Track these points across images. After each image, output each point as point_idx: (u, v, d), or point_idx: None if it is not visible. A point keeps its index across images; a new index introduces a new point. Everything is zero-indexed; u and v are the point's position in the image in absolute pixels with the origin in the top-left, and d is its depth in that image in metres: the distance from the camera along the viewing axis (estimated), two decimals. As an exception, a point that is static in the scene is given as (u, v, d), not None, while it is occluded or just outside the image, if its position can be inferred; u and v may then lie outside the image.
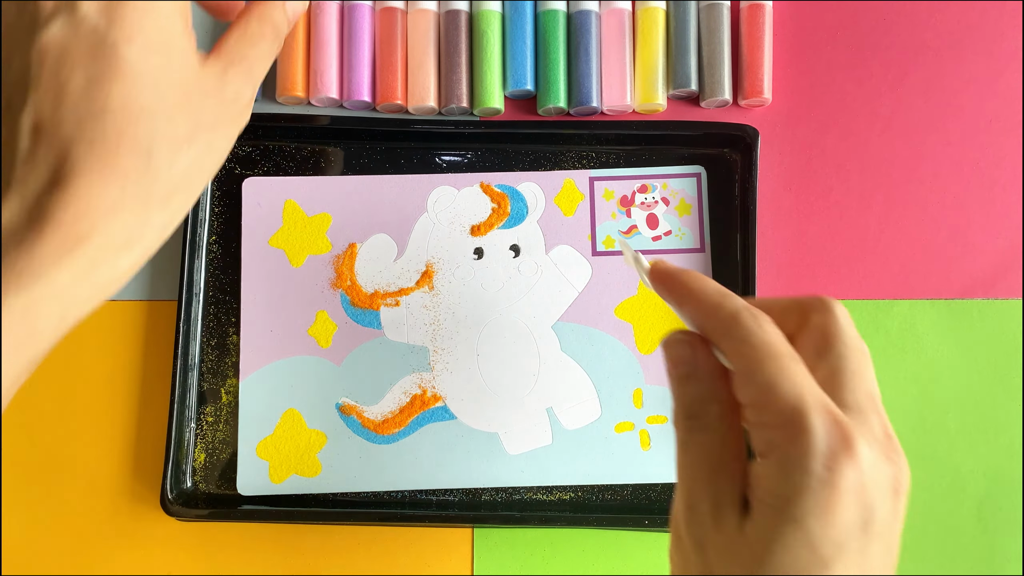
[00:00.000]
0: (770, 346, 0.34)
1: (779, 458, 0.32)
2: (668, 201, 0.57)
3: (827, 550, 0.31)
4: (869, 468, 0.32)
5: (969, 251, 0.58)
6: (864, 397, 0.34)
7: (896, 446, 0.33)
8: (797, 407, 0.32)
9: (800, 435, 0.32)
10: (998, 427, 0.56)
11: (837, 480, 0.31)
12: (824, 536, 0.31)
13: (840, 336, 0.35)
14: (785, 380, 0.33)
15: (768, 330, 0.34)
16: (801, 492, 0.31)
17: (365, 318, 0.56)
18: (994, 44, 0.60)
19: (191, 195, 0.38)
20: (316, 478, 0.54)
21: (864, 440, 0.32)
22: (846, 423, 0.32)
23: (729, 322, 0.35)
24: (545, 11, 0.58)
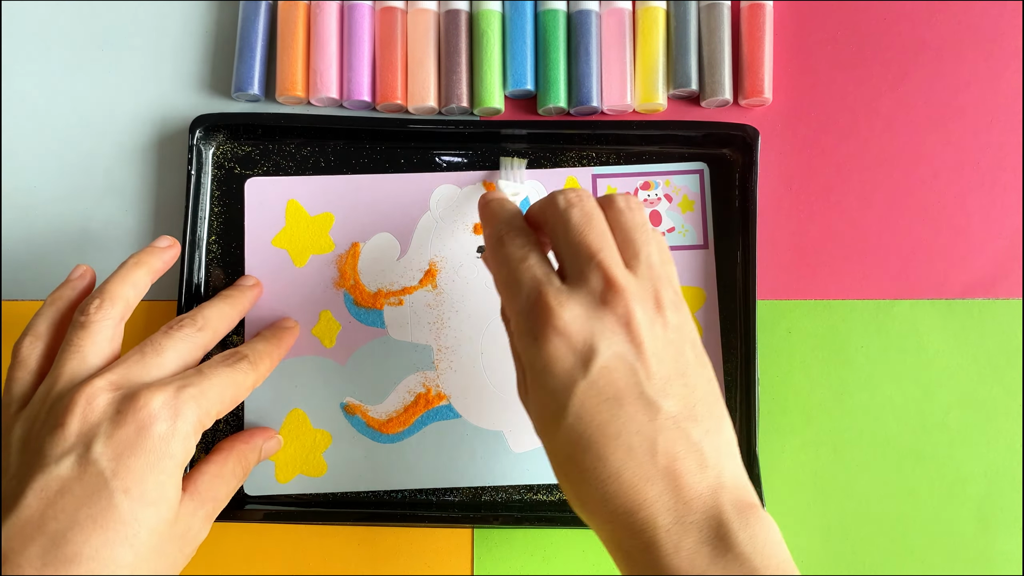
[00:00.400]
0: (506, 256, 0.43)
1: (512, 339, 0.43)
2: (671, 198, 0.57)
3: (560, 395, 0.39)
4: (575, 323, 0.40)
5: (969, 251, 0.58)
6: (583, 260, 0.41)
7: (617, 291, 0.40)
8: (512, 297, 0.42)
9: (515, 321, 0.42)
10: (998, 427, 0.56)
11: (544, 344, 0.40)
12: (554, 385, 0.39)
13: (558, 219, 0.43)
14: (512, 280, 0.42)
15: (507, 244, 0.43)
16: (529, 361, 0.41)
17: (369, 317, 0.56)
18: (994, 44, 0.60)
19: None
20: (322, 478, 0.54)
21: (567, 305, 0.40)
22: (547, 298, 0.40)
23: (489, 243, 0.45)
24: (545, 11, 0.58)
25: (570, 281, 0.41)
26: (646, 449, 0.38)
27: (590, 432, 0.39)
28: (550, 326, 0.39)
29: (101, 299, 0.46)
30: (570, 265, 0.42)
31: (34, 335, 0.47)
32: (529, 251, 0.43)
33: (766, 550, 0.38)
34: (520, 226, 0.44)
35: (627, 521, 0.38)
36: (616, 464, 0.38)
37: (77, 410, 0.41)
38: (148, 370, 0.44)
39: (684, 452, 0.39)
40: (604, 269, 0.40)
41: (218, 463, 0.47)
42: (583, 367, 0.39)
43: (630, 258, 0.42)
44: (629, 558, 0.39)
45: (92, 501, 0.40)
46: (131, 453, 0.41)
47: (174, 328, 0.47)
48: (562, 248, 0.43)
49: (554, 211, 0.43)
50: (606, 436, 0.38)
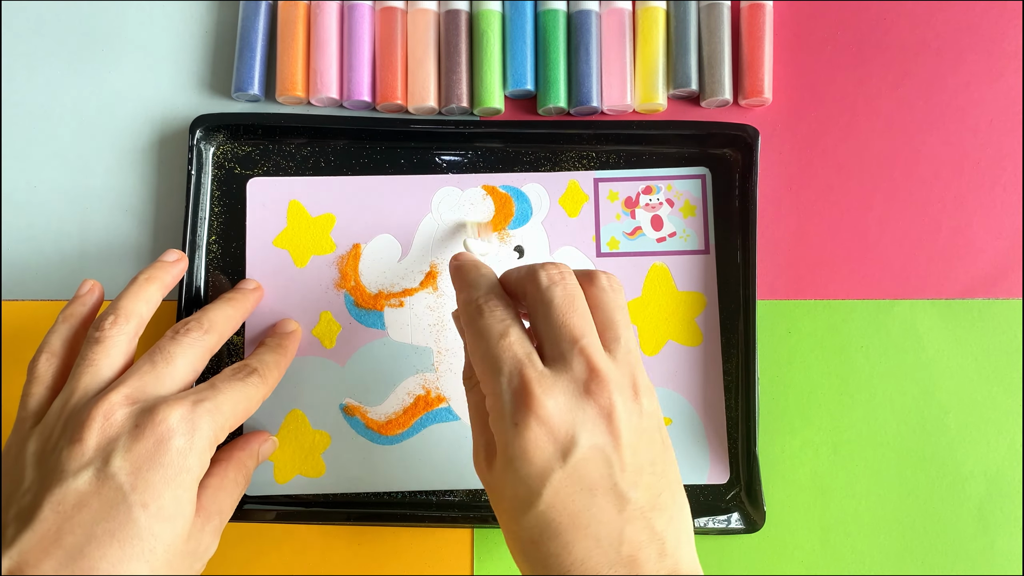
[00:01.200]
0: (484, 329, 0.42)
1: (490, 413, 0.41)
2: (673, 203, 0.57)
3: (533, 483, 0.39)
4: (558, 413, 0.39)
5: (969, 251, 0.58)
6: (566, 344, 0.41)
7: (601, 381, 0.40)
8: (492, 375, 0.41)
9: (494, 399, 0.41)
10: (998, 427, 0.56)
11: (523, 431, 0.39)
12: (528, 472, 0.39)
13: (540, 298, 0.43)
14: (488, 356, 0.41)
15: (487, 314, 0.43)
16: (504, 443, 0.40)
17: (369, 319, 0.56)
18: (994, 44, 0.60)
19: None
20: (320, 478, 0.55)
21: (550, 393, 0.40)
22: (531, 383, 0.40)
23: (463, 310, 0.44)
24: (545, 11, 0.58)
25: (551, 364, 0.41)
26: (612, 540, 0.39)
27: (560, 520, 0.39)
28: (532, 414, 0.39)
29: (115, 315, 0.46)
30: (551, 347, 0.42)
31: (49, 352, 0.47)
32: (509, 325, 0.42)
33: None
34: (499, 295, 0.44)
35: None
36: (581, 553, 0.39)
37: (95, 425, 0.42)
38: (162, 381, 0.45)
39: (647, 542, 0.39)
40: (588, 356, 0.41)
41: (219, 475, 0.47)
42: (562, 457, 0.39)
43: (610, 341, 0.43)
44: None
45: (110, 515, 0.40)
46: (150, 467, 0.41)
47: (180, 333, 0.47)
48: (542, 327, 0.43)
49: (535, 288, 0.43)
50: (576, 526, 0.39)
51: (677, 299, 0.56)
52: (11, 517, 0.40)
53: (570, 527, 0.39)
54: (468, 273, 0.46)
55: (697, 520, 0.54)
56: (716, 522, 0.54)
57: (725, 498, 0.55)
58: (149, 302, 0.48)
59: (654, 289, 0.56)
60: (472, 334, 0.43)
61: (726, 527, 0.54)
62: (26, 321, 0.57)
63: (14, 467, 0.43)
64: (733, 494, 0.55)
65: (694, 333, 0.56)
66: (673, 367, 0.55)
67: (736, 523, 0.54)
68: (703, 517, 0.54)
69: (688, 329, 0.56)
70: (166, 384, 0.45)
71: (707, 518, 0.54)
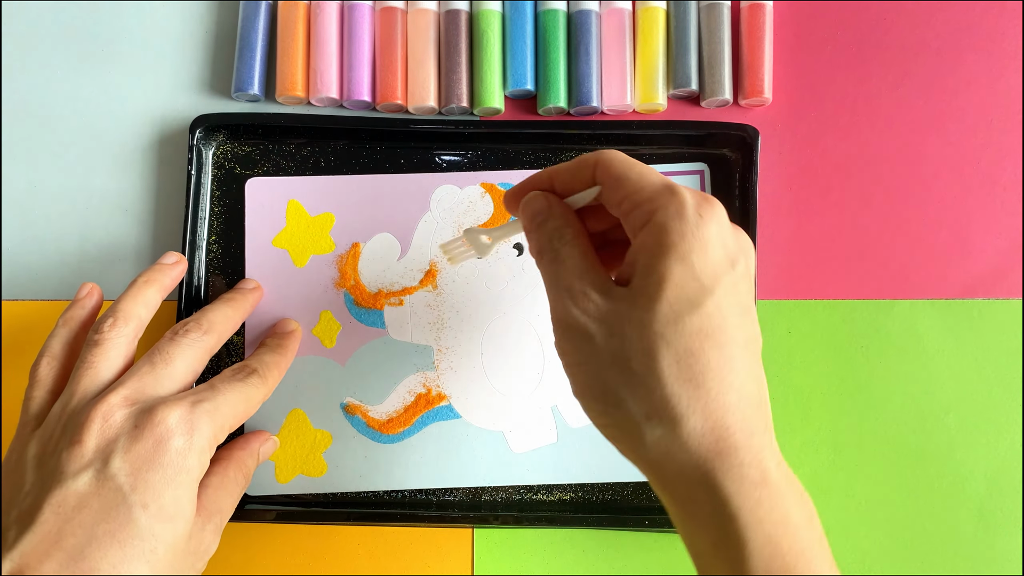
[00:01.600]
0: (631, 160, 0.42)
1: (661, 218, 0.38)
2: (671, 200, 0.57)
3: (708, 279, 0.38)
4: (726, 223, 0.39)
5: (969, 251, 0.58)
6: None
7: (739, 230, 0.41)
8: (667, 181, 0.40)
9: (676, 195, 0.39)
10: (998, 427, 0.56)
11: (707, 223, 0.38)
12: (704, 267, 0.38)
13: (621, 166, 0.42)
14: (651, 174, 0.40)
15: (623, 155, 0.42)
16: (683, 235, 0.38)
17: (369, 318, 0.56)
18: (994, 44, 0.60)
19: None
20: (322, 478, 0.55)
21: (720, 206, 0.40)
22: (705, 194, 0.40)
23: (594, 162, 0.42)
24: (545, 11, 0.59)
25: None
26: (757, 375, 0.39)
27: (726, 328, 0.38)
28: (715, 213, 0.39)
29: (115, 318, 0.47)
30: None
31: (50, 356, 0.47)
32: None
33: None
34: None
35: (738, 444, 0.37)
36: (741, 375, 0.38)
37: (94, 426, 0.42)
38: (160, 382, 0.45)
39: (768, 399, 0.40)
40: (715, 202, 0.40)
41: (219, 474, 0.47)
42: (731, 265, 0.39)
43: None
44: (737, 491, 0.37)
45: (110, 516, 0.40)
46: (149, 468, 0.41)
47: (179, 334, 0.47)
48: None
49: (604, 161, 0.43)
50: (737, 342, 0.38)
51: None
52: (12, 520, 0.41)
53: (733, 340, 0.38)
54: (542, 172, 0.45)
55: (697, 520, 0.54)
56: (716, 522, 0.54)
57: (725, 498, 0.55)
58: (148, 304, 0.48)
59: None
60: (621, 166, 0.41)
61: (726, 527, 0.54)
62: (26, 321, 0.57)
63: (15, 470, 0.43)
64: (733, 494, 0.55)
65: None
66: None
67: (736, 523, 0.54)
68: (703, 517, 0.54)
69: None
70: (165, 385, 0.45)
71: (707, 518, 0.54)
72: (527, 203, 0.44)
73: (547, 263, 0.42)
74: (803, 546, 0.37)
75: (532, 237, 0.44)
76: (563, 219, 0.43)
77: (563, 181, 0.44)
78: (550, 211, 0.43)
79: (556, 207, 0.43)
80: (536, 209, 0.44)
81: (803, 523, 0.37)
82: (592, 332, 0.39)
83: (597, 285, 0.40)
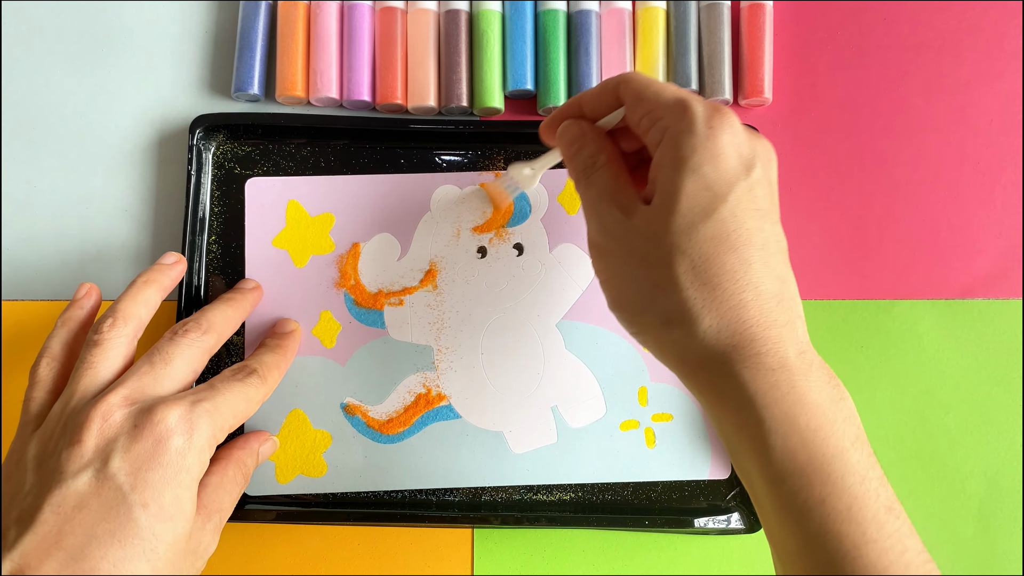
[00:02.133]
0: (650, 78, 0.44)
1: (673, 133, 0.41)
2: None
3: (720, 187, 0.40)
4: (740, 131, 0.41)
5: (969, 251, 0.58)
6: (708, 102, 0.42)
7: (756, 132, 0.43)
8: (680, 98, 0.42)
9: (686, 109, 0.41)
10: (998, 427, 0.56)
11: (718, 134, 0.40)
12: (717, 177, 0.40)
13: (647, 84, 0.44)
14: (667, 89, 0.43)
15: (645, 75, 0.44)
16: (694, 147, 0.40)
17: (369, 318, 0.56)
18: (994, 44, 0.60)
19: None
20: (322, 478, 0.55)
21: (734, 114, 0.41)
22: (716, 104, 0.41)
23: (616, 84, 0.45)
24: (545, 11, 0.59)
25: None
26: (779, 274, 0.41)
27: (741, 232, 0.40)
28: (727, 120, 0.41)
29: (114, 318, 0.47)
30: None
31: (49, 356, 0.47)
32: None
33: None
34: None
35: (754, 335, 0.40)
36: (758, 274, 0.40)
37: (93, 426, 0.42)
38: (160, 381, 0.45)
39: (798, 299, 0.42)
40: (728, 111, 0.42)
41: (219, 473, 0.47)
42: (745, 171, 0.40)
43: None
44: (753, 377, 0.40)
45: (110, 516, 0.40)
46: (149, 467, 0.41)
47: (179, 334, 0.47)
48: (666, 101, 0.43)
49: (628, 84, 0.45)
50: (753, 243, 0.40)
51: None
52: (12, 520, 0.41)
53: (748, 243, 0.40)
54: (572, 99, 0.48)
55: (697, 520, 0.54)
56: (716, 522, 0.54)
57: (725, 498, 0.55)
58: (148, 304, 0.48)
59: None
60: (641, 83, 0.44)
61: (726, 527, 0.54)
62: (26, 321, 0.57)
63: (16, 471, 0.43)
64: (733, 494, 0.55)
65: None
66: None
67: (736, 523, 0.54)
68: (703, 517, 0.54)
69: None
70: (165, 384, 0.45)
71: (707, 518, 0.54)
72: (563, 132, 0.47)
73: (583, 188, 0.45)
74: (819, 423, 0.39)
75: (570, 165, 0.47)
76: (596, 144, 0.46)
77: (592, 106, 0.47)
78: (584, 138, 0.46)
79: (589, 133, 0.46)
80: (571, 136, 0.47)
81: (824, 402, 0.39)
82: (615, 249, 0.43)
83: (623, 205, 0.43)
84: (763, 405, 0.39)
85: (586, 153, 0.46)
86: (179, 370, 0.46)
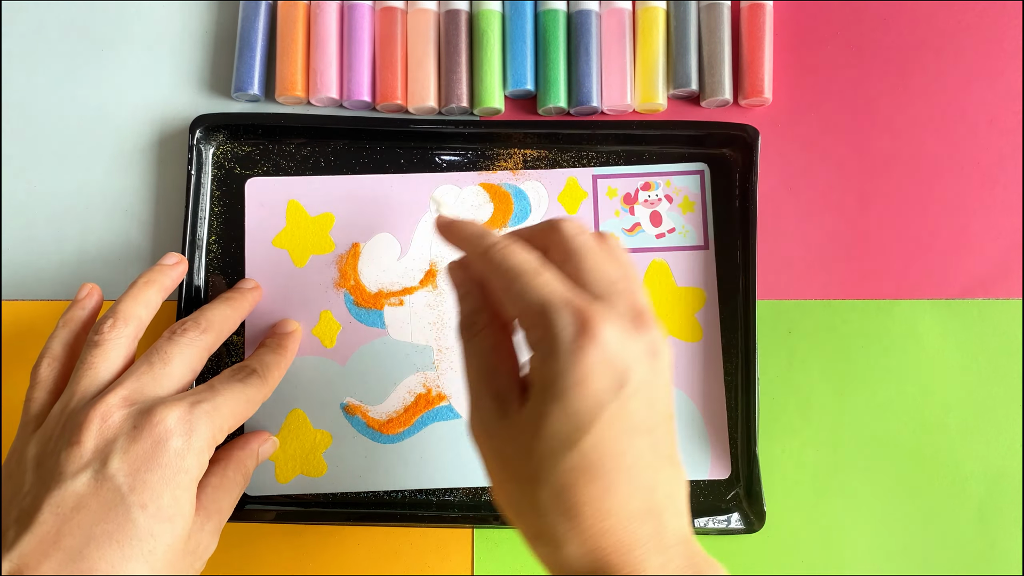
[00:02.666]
0: (518, 266, 0.40)
1: (540, 349, 0.38)
2: (671, 198, 0.58)
3: (584, 417, 0.37)
4: (615, 342, 0.38)
5: (969, 251, 0.58)
6: (605, 285, 0.40)
7: (646, 319, 0.39)
8: (543, 307, 0.38)
9: (549, 327, 0.38)
10: (998, 427, 0.56)
11: (582, 357, 0.37)
12: (581, 405, 0.37)
13: (570, 244, 0.41)
14: (532, 290, 0.39)
15: (516, 254, 0.41)
16: (557, 373, 0.37)
17: (369, 318, 0.56)
18: (994, 44, 0.60)
19: None
20: (322, 478, 0.55)
21: (607, 321, 0.38)
22: (587, 310, 0.38)
23: (485, 254, 0.41)
24: (545, 11, 0.59)
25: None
26: (648, 486, 0.38)
27: (605, 461, 0.37)
28: (593, 340, 0.37)
29: (114, 319, 0.47)
30: (591, 288, 0.40)
31: (50, 357, 0.48)
32: (543, 262, 0.41)
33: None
34: (520, 240, 0.43)
35: (614, 562, 0.37)
36: (622, 497, 0.37)
37: (92, 427, 0.42)
38: (159, 381, 0.45)
39: (674, 492, 0.39)
40: (631, 294, 0.40)
41: (218, 474, 0.47)
42: (616, 390, 0.37)
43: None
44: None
45: (109, 517, 0.40)
46: (148, 468, 0.41)
47: (177, 333, 0.47)
48: (576, 272, 0.41)
49: (562, 236, 0.42)
50: (619, 468, 0.37)
51: (677, 295, 0.57)
52: (11, 520, 0.41)
53: (613, 468, 0.37)
54: (470, 225, 0.44)
55: (697, 520, 0.54)
56: (716, 522, 0.54)
57: (725, 498, 0.55)
58: (148, 305, 0.49)
59: (654, 285, 0.57)
60: (503, 274, 0.40)
61: (726, 527, 0.54)
62: (26, 321, 0.57)
63: (16, 471, 0.43)
64: (733, 494, 0.55)
65: (694, 329, 0.56)
66: (674, 363, 0.56)
67: (736, 523, 0.54)
68: (703, 517, 0.54)
69: (688, 325, 0.56)
70: (164, 385, 0.45)
71: (707, 518, 0.54)
72: (449, 271, 0.46)
73: (462, 348, 0.44)
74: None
75: (456, 311, 0.45)
76: (478, 301, 0.44)
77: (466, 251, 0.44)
78: (466, 286, 0.45)
79: (474, 286, 0.44)
80: (455, 280, 0.45)
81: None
82: (489, 447, 0.41)
83: (498, 394, 0.41)
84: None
85: (467, 307, 0.44)
86: (178, 370, 0.46)
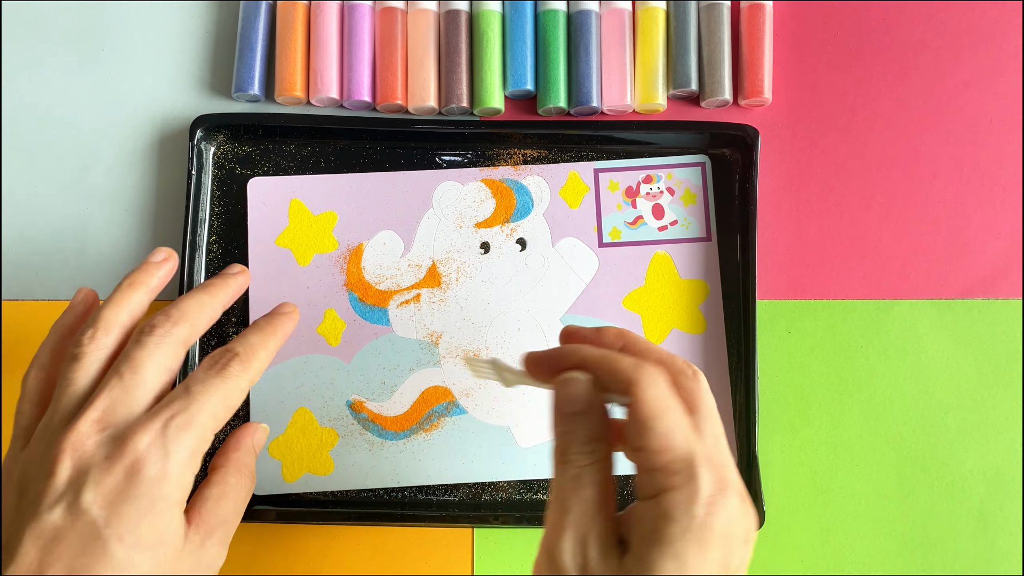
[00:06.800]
0: (665, 400, 0.38)
1: (667, 501, 0.37)
2: (673, 191, 0.58)
3: (735, 556, 0.37)
4: (735, 514, 0.37)
5: (969, 251, 0.59)
6: (726, 455, 0.39)
7: (746, 494, 0.39)
8: (689, 458, 0.37)
9: (690, 482, 0.37)
10: (998, 427, 0.57)
11: (712, 523, 0.36)
12: (697, 569, 0.36)
13: (704, 401, 0.40)
14: (679, 432, 0.38)
15: (662, 384, 0.39)
16: (684, 531, 0.36)
17: (373, 315, 0.57)
18: (994, 44, 0.61)
19: None
20: (328, 476, 0.55)
21: (733, 489, 0.38)
22: (724, 475, 0.38)
23: (629, 379, 0.39)
24: (545, 11, 0.59)
25: None
26: None
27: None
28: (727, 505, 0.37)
29: (95, 328, 0.45)
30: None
31: (39, 366, 0.47)
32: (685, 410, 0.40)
33: None
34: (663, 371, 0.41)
35: None
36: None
37: (66, 458, 0.41)
38: (131, 394, 0.43)
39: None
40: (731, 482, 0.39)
41: (218, 484, 0.46)
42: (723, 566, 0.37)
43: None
44: None
45: (87, 550, 0.39)
46: (122, 500, 0.40)
47: (145, 333, 0.44)
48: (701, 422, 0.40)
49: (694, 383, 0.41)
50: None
51: (680, 287, 0.57)
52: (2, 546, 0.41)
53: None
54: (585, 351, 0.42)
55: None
56: (716, 521, 0.55)
57: (725, 498, 0.56)
58: (132, 310, 0.47)
59: (657, 278, 0.57)
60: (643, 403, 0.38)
61: (726, 526, 0.55)
62: (26, 321, 0.57)
63: (5, 490, 0.43)
64: (733, 494, 0.56)
65: (698, 320, 0.57)
66: (678, 355, 0.56)
67: (736, 522, 0.55)
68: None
69: (692, 317, 0.57)
70: (137, 397, 0.43)
71: (707, 518, 0.55)
72: (567, 383, 0.41)
73: (560, 474, 0.40)
74: None
75: (558, 429, 0.41)
76: (600, 428, 0.40)
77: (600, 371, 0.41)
78: (589, 414, 0.40)
79: (597, 408, 0.41)
80: (574, 397, 0.41)
81: None
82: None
83: (600, 539, 0.38)
84: None
85: (584, 433, 0.40)
86: (151, 376, 0.43)
